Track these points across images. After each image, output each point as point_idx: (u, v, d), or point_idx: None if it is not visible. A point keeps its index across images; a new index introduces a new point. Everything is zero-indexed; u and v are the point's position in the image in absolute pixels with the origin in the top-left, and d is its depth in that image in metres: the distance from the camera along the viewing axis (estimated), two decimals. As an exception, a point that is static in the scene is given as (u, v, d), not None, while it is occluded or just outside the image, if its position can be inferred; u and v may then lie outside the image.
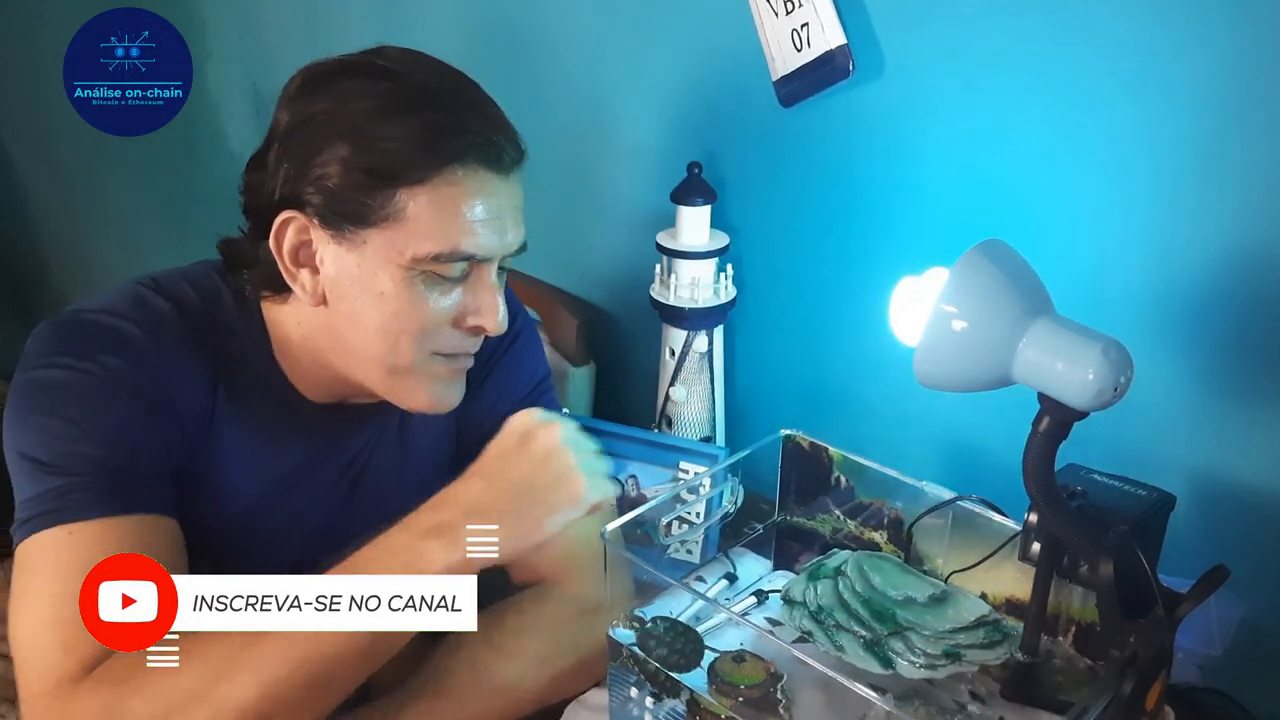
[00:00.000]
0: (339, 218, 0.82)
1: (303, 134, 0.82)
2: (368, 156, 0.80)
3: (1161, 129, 0.90)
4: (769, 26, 1.10)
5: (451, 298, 0.85)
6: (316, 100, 0.83)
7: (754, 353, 1.28)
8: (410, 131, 0.80)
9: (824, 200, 1.15)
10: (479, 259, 0.84)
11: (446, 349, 0.87)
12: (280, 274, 0.85)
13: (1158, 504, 0.78)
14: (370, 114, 0.81)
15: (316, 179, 0.81)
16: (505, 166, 0.84)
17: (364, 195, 0.81)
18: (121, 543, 0.77)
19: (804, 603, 0.86)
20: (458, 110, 0.83)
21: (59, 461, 0.80)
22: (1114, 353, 0.68)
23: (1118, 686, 0.71)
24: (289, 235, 0.84)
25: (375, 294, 0.83)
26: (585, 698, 0.91)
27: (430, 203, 0.81)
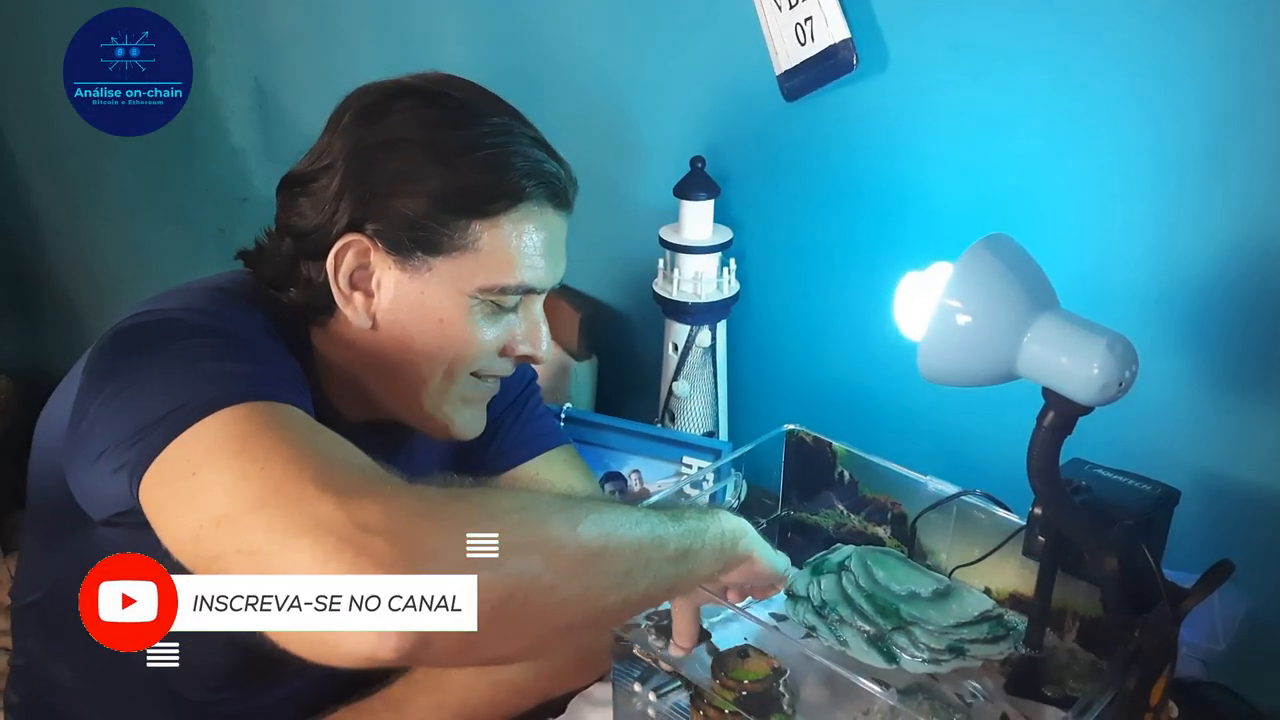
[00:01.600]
0: (411, 244, 0.83)
1: (372, 161, 0.83)
2: (447, 187, 0.82)
3: (1166, 124, 0.90)
4: (773, 20, 1.09)
5: (502, 326, 0.88)
6: (383, 127, 0.83)
7: (757, 347, 1.28)
8: (490, 165, 0.83)
9: (827, 195, 1.15)
10: (535, 291, 0.87)
11: (487, 372, 0.89)
12: (326, 295, 0.85)
13: (1162, 499, 0.78)
14: (447, 143, 0.83)
15: (389, 205, 0.82)
16: (564, 204, 0.88)
17: (440, 224, 0.82)
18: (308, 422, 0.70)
19: (808, 597, 0.86)
20: (531, 147, 0.86)
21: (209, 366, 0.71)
22: (1119, 347, 0.67)
23: (1122, 681, 0.71)
24: (348, 258, 0.84)
25: (434, 321, 0.85)
26: (589, 692, 0.91)
27: (501, 236, 0.84)
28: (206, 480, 0.62)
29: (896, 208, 1.09)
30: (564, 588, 0.61)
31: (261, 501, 0.59)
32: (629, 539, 0.65)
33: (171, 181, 2.18)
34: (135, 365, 0.72)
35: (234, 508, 0.60)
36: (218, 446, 0.64)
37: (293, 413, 0.69)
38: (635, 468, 1.17)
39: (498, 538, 0.58)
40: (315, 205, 0.84)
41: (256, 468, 0.61)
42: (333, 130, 0.86)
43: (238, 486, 0.60)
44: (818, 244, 1.17)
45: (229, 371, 0.70)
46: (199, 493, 0.62)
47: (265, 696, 0.95)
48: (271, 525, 0.57)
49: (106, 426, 0.71)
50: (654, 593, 0.70)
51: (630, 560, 0.65)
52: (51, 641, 0.93)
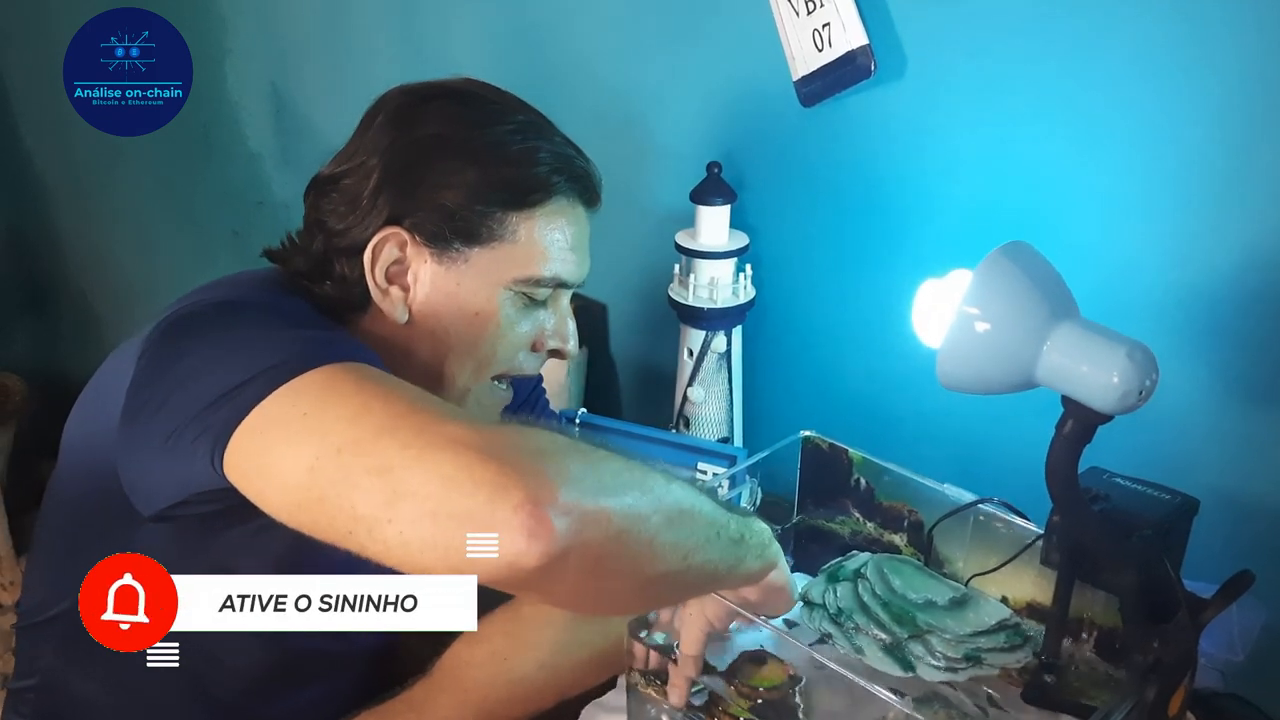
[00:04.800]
0: (451, 235, 0.85)
1: (412, 156, 0.85)
2: (490, 181, 0.85)
3: (1186, 132, 0.89)
4: (790, 26, 1.09)
5: (533, 321, 0.91)
6: (420, 124, 0.86)
7: (773, 353, 1.27)
8: (528, 159, 0.86)
9: (844, 201, 1.15)
10: (565, 285, 0.90)
11: (514, 371, 0.92)
12: (360, 291, 0.87)
13: (1181, 508, 0.77)
14: (485, 139, 0.86)
15: (429, 198, 0.85)
16: (592, 202, 0.92)
17: (479, 215, 0.85)
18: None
19: (823, 605, 0.86)
20: (563, 146, 0.90)
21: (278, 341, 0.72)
22: (1139, 356, 0.67)
23: (1141, 691, 0.70)
24: (386, 251, 0.86)
25: (470, 314, 0.87)
26: (604, 699, 0.91)
27: (536, 228, 0.87)
28: (322, 417, 0.63)
29: (914, 214, 1.09)
30: (662, 535, 0.63)
31: (390, 427, 0.60)
32: (704, 508, 0.68)
33: (187, 185, 2.19)
34: (202, 345, 0.73)
35: (361, 433, 0.60)
36: (330, 388, 0.65)
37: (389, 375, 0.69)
38: (650, 473, 1.17)
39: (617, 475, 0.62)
40: (350, 202, 0.86)
41: (380, 401, 0.62)
42: (365, 130, 0.88)
43: (360, 417, 0.61)
44: (834, 250, 1.17)
45: (315, 337, 0.72)
46: (313, 429, 0.63)
47: (296, 698, 0.96)
48: (406, 444, 0.58)
49: (178, 404, 0.71)
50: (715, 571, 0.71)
51: (706, 528, 0.67)
52: (76, 653, 0.91)
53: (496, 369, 0.91)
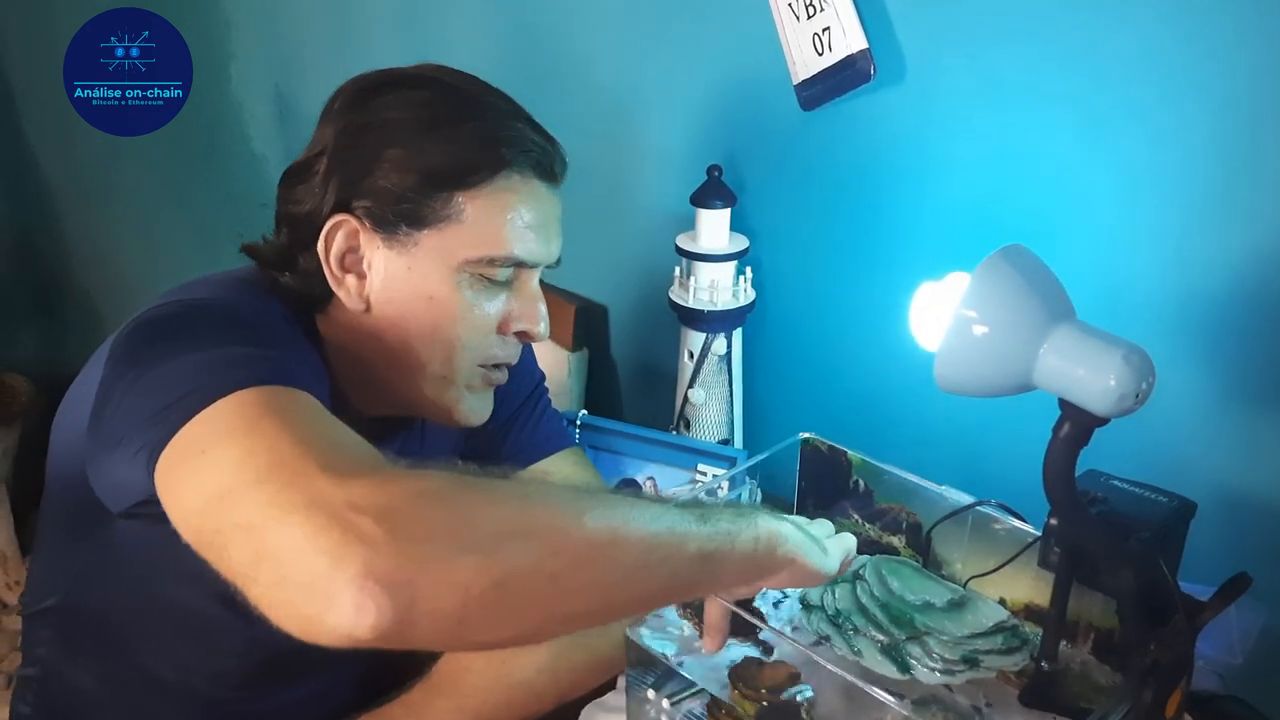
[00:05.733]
0: (395, 219, 0.84)
1: (358, 141, 0.84)
2: (429, 160, 0.83)
3: (1184, 134, 0.90)
4: (790, 30, 1.10)
5: (496, 304, 0.87)
6: (370, 110, 0.85)
7: (773, 356, 1.28)
8: (471, 137, 0.84)
9: (844, 204, 1.15)
10: (526, 265, 0.87)
11: (490, 359, 0.89)
12: (321, 281, 0.86)
13: (1178, 511, 0.77)
14: (430, 120, 0.84)
15: (375, 183, 0.83)
16: (554, 177, 0.89)
17: (423, 197, 0.83)
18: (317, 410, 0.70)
19: (822, 606, 0.86)
20: (513, 120, 0.87)
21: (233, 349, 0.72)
22: (1136, 359, 0.67)
23: (1138, 694, 0.70)
24: (338, 240, 0.85)
25: (424, 298, 0.85)
26: (603, 700, 0.91)
27: (485, 206, 0.84)
28: (216, 456, 0.62)
29: (913, 217, 1.09)
30: (567, 578, 0.59)
31: (263, 477, 0.59)
32: (642, 534, 0.63)
33: (193, 187, 2.20)
34: (158, 352, 0.73)
35: (237, 482, 0.60)
36: (230, 425, 0.64)
37: (307, 399, 0.69)
38: (650, 475, 1.17)
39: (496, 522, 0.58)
40: (307, 192, 0.86)
41: (264, 445, 0.61)
42: (325, 118, 0.88)
43: (243, 462, 0.61)
44: (834, 252, 1.18)
45: (248, 356, 0.71)
46: (208, 469, 0.62)
47: (287, 696, 0.96)
48: (270, 501, 0.57)
49: (128, 411, 0.71)
50: (671, 590, 0.69)
51: (642, 556, 0.63)
52: (69, 646, 0.94)
53: (469, 355, 0.88)
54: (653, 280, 1.30)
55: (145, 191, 2.32)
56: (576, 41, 1.36)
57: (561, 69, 1.38)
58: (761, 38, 1.13)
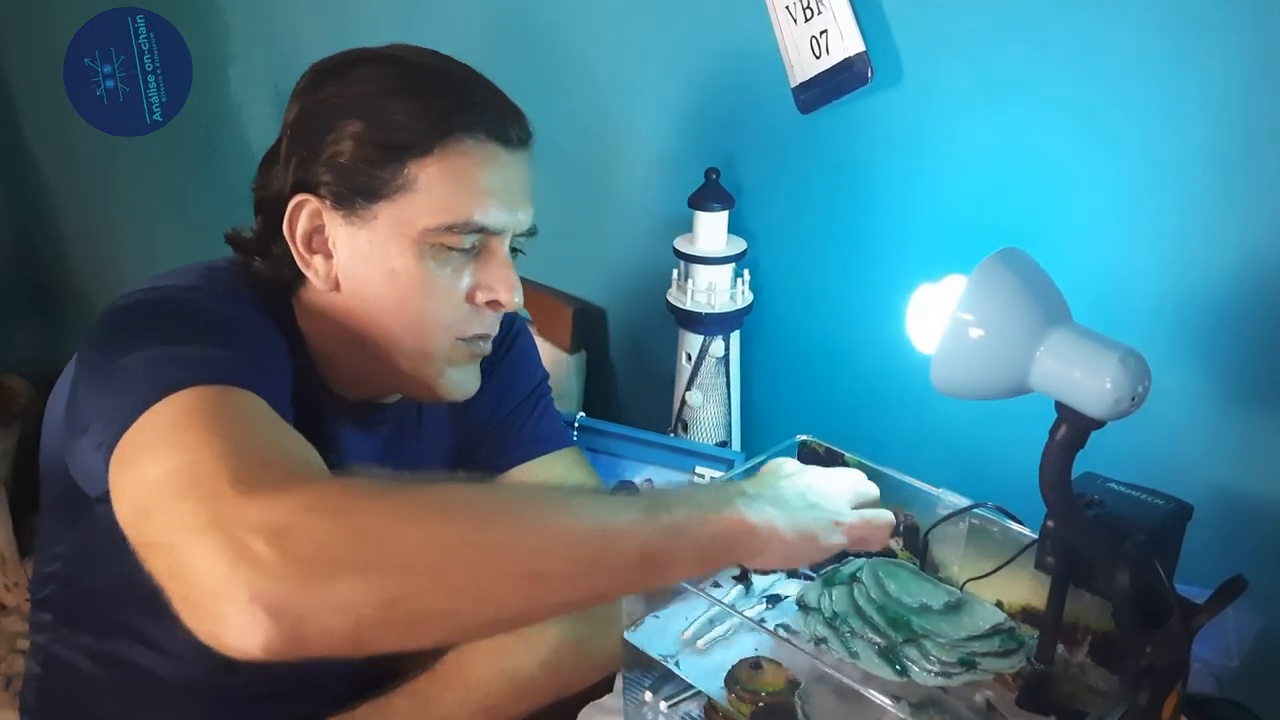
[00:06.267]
0: (350, 193, 0.83)
1: (313, 118, 0.85)
2: (377, 130, 0.82)
3: (1181, 137, 0.90)
4: (788, 33, 1.10)
5: (464, 274, 0.86)
6: (326, 88, 0.85)
7: (770, 358, 1.28)
8: (418, 105, 0.83)
9: (841, 206, 1.15)
10: (489, 231, 0.85)
11: (465, 331, 0.88)
12: (291, 264, 0.87)
13: (1175, 514, 0.77)
14: (379, 92, 0.83)
15: (328, 158, 0.83)
16: (512, 141, 0.86)
17: (374, 168, 0.82)
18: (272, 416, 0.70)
19: (819, 609, 0.86)
20: (464, 86, 0.86)
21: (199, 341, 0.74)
22: (1132, 362, 0.67)
23: (1134, 697, 0.70)
24: (302, 220, 0.85)
25: (387, 272, 0.84)
26: (601, 701, 0.91)
27: (439, 173, 0.83)
28: (142, 470, 0.64)
29: (910, 220, 1.10)
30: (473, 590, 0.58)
31: (178, 495, 0.60)
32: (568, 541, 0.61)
33: (192, 188, 2.20)
34: (119, 343, 0.73)
35: (154, 500, 0.61)
36: (160, 436, 0.65)
37: (247, 400, 0.69)
38: (648, 477, 1.17)
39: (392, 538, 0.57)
40: (273, 175, 0.87)
41: (185, 460, 0.62)
42: (290, 101, 0.88)
43: (162, 480, 0.61)
44: (831, 255, 1.18)
45: (195, 356, 0.71)
46: (134, 482, 0.64)
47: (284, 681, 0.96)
48: (180, 522, 0.58)
49: (91, 402, 0.73)
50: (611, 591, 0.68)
51: (565, 566, 0.61)
52: (66, 628, 0.95)
53: (442, 329, 0.87)
54: (650, 282, 1.31)
55: (144, 193, 2.32)
56: (576, 44, 1.36)
57: (560, 71, 1.38)
58: (759, 40, 1.13)
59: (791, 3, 1.08)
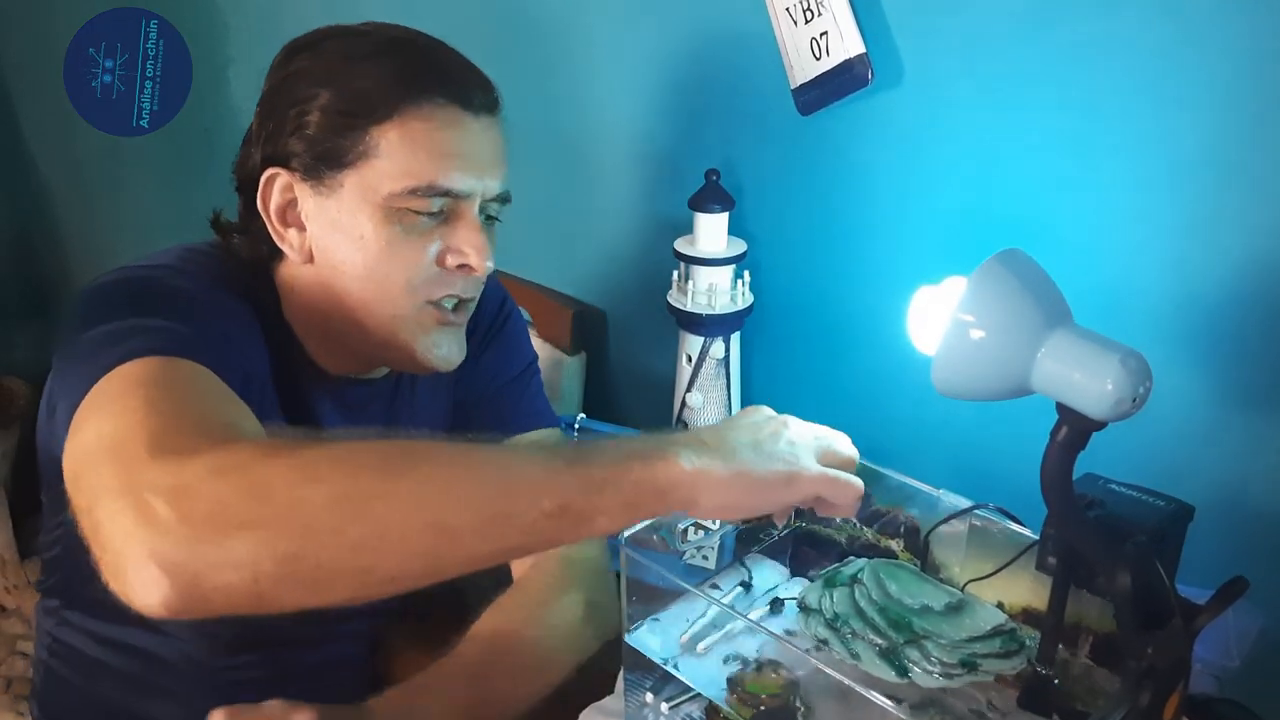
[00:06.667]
0: (317, 163, 0.85)
1: (282, 92, 0.87)
2: (340, 98, 0.84)
3: (1181, 138, 0.90)
4: (788, 35, 1.10)
5: (431, 238, 0.87)
6: (295, 63, 0.87)
7: (770, 359, 1.28)
8: (379, 71, 0.84)
9: (842, 208, 1.15)
10: (455, 194, 0.86)
11: (434, 295, 0.88)
12: (269, 239, 0.88)
13: (1176, 514, 0.77)
14: (343, 60, 0.85)
15: (297, 130, 0.85)
16: (475, 105, 0.87)
17: (338, 136, 0.84)
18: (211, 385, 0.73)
19: (820, 610, 0.86)
20: (425, 53, 0.87)
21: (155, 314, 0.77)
22: (1133, 363, 0.67)
23: (1135, 697, 0.70)
24: (275, 194, 0.87)
25: (356, 239, 0.85)
26: (602, 703, 0.91)
27: (401, 138, 0.84)
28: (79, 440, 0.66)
29: (910, 221, 1.10)
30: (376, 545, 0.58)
31: (101, 462, 0.62)
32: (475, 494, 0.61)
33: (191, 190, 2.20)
34: (84, 322, 0.76)
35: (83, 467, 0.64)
36: (100, 405, 0.67)
37: (189, 370, 0.71)
38: (648, 478, 1.17)
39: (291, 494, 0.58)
40: (247, 152, 0.89)
41: (113, 427, 0.64)
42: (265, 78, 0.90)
43: (92, 448, 0.64)
44: (831, 256, 1.18)
45: (149, 328, 0.74)
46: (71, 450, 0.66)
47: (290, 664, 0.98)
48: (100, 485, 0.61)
49: (58, 382, 0.76)
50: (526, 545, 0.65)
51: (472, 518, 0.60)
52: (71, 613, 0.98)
53: (410, 293, 0.87)
54: (651, 284, 1.31)
55: (144, 194, 2.32)
56: (576, 46, 1.37)
57: (561, 74, 1.38)
58: (759, 42, 1.13)
59: (792, 4, 1.08)
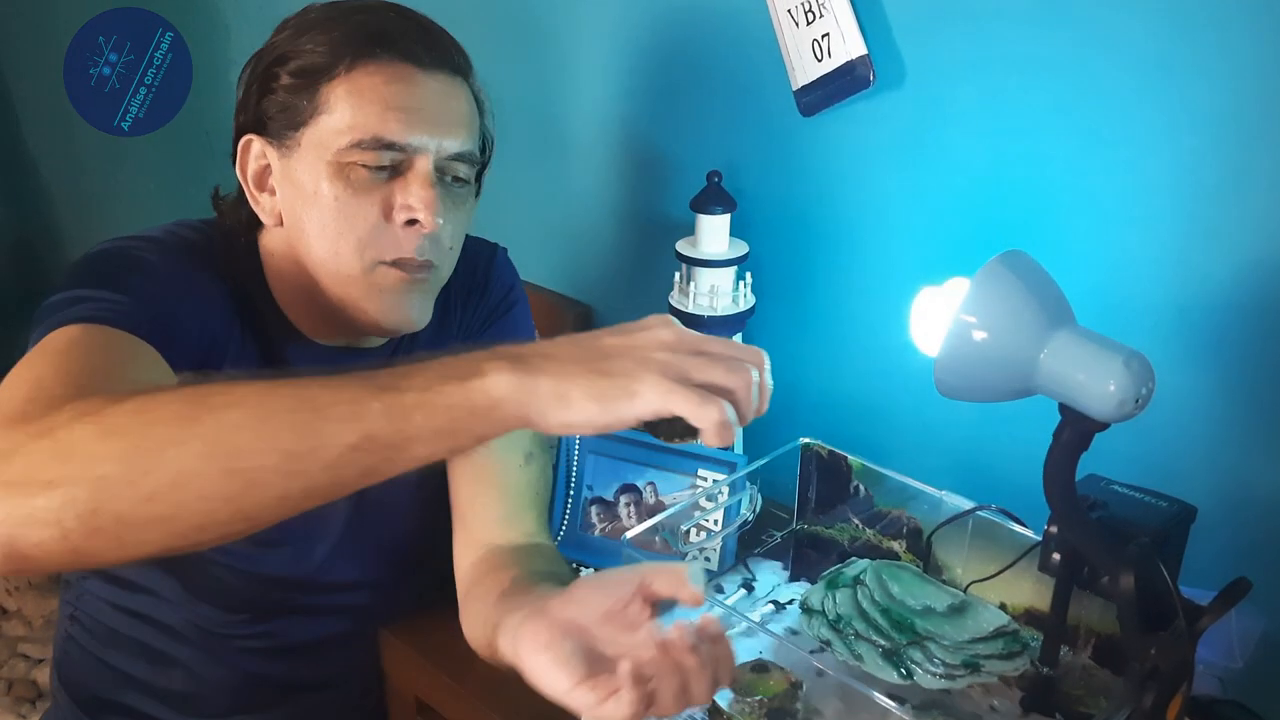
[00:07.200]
0: (280, 126, 0.88)
1: (256, 64, 0.90)
2: (296, 60, 0.87)
3: (1183, 139, 0.90)
4: (789, 36, 1.10)
5: (381, 192, 0.87)
6: (273, 38, 0.91)
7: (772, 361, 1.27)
8: (332, 33, 0.87)
9: (843, 210, 1.15)
10: (399, 148, 0.86)
11: (385, 253, 0.88)
12: (246, 206, 0.92)
13: (1178, 516, 0.78)
14: (308, 26, 0.88)
15: (264, 96, 0.89)
16: (424, 61, 0.88)
17: (295, 96, 0.87)
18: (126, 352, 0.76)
19: (823, 611, 0.86)
20: (380, 15, 0.89)
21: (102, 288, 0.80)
22: (1135, 364, 0.68)
23: (1138, 699, 0.71)
24: (251, 160, 0.91)
25: (310, 195, 0.87)
26: (604, 705, 0.91)
27: (346, 93, 0.86)
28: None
29: (912, 223, 1.10)
30: (172, 494, 0.58)
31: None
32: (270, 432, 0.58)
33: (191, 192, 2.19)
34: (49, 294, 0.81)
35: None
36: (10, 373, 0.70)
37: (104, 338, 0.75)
38: (651, 480, 1.17)
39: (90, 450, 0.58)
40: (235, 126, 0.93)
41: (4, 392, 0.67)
42: None
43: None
44: (833, 258, 1.18)
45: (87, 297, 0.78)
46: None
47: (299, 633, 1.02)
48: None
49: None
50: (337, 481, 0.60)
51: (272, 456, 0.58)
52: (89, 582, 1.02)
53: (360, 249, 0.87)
54: (652, 286, 1.31)
55: (145, 197, 2.32)
56: (579, 48, 1.37)
57: (561, 75, 1.39)
58: (760, 44, 1.13)
59: (793, 6, 1.08)
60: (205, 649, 1.00)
